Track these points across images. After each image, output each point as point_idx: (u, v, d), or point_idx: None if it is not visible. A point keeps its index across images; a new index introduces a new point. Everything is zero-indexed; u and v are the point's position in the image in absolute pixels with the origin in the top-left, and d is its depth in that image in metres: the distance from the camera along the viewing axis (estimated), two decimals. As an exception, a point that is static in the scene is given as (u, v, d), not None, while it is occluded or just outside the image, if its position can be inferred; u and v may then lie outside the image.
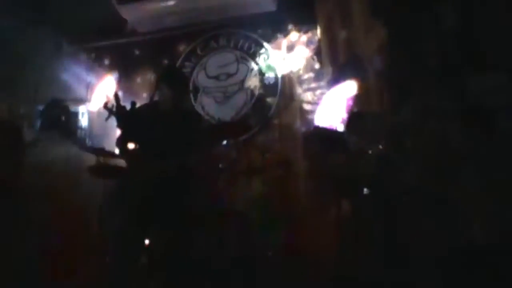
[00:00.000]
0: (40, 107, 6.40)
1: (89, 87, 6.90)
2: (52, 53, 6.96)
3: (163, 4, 6.96)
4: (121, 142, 3.96)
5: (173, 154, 3.64)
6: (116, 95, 3.65)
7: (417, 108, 4.45)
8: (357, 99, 5.53)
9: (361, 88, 5.50)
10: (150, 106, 3.96)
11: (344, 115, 5.54)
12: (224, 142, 5.10)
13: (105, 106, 3.65)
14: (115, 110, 3.60)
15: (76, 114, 6.67)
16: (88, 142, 6.53)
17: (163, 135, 3.68)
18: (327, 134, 5.68)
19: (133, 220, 3.63)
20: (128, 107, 3.68)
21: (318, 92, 6.40)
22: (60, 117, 6.18)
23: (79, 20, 6.80)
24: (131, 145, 3.93)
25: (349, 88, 5.65)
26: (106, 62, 7.50)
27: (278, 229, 4.96)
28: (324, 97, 6.06)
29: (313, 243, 4.69)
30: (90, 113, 6.89)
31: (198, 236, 4.09)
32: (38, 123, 6.25)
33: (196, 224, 3.94)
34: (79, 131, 6.67)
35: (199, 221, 4.04)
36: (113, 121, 3.73)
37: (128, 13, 7.05)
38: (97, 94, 6.90)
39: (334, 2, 6.29)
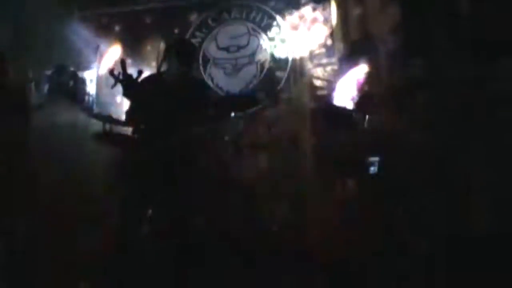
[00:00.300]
0: (49, 72, 6.39)
1: (98, 53, 6.87)
2: (63, 17, 6.93)
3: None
4: (130, 113, 3.94)
5: (179, 125, 3.62)
6: (122, 62, 3.61)
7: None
8: (368, 78, 5.49)
9: (372, 66, 5.46)
10: (157, 76, 3.92)
11: (355, 93, 5.52)
12: (232, 114, 5.08)
13: (111, 73, 3.61)
14: (121, 78, 3.57)
15: (84, 80, 6.67)
16: (96, 109, 6.54)
17: (170, 105, 3.65)
18: (337, 111, 5.66)
19: (136, 190, 3.63)
20: (135, 75, 3.64)
21: (328, 68, 6.37)
22: (69, 83, 6.17)
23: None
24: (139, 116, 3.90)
25: (360, 67, 5.62)
26: (117, 28, 7.45)
27: (282, 205, 4.96)
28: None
29: (317, 221, 4.69)
30: (98, 80, 6.88)
31: (201, 208, 4.10)
32: (46, 88, 6.24)
33: (199, 196, 3.94)
34: (86, 97, 6.67)
35: (202, 194, 4.04)
36: (120, 88, 3.70)
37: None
38: (107, 61, 6.87)
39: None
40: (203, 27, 7.23)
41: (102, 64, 6.91)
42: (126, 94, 3.68)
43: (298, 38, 6.65)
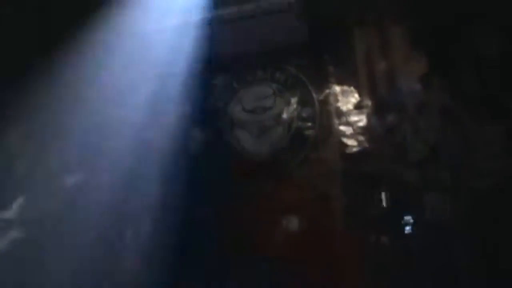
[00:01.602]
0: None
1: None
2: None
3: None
4: None
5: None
6: None
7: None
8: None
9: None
10: None
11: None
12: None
13: None
14: None
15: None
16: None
17: None
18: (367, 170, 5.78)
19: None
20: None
21: (357, 125, 6.46)
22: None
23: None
24: None
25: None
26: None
27: (315, 269, 5.04)
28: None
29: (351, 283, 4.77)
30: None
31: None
32: None
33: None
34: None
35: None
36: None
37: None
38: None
39: (372, 32, 6.42)
40: (227, 90, 7.43)
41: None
42: None
43: (324, 96, 6.80)
